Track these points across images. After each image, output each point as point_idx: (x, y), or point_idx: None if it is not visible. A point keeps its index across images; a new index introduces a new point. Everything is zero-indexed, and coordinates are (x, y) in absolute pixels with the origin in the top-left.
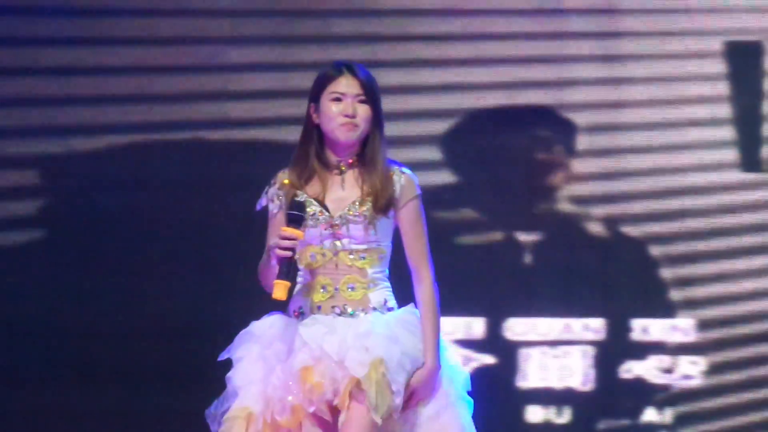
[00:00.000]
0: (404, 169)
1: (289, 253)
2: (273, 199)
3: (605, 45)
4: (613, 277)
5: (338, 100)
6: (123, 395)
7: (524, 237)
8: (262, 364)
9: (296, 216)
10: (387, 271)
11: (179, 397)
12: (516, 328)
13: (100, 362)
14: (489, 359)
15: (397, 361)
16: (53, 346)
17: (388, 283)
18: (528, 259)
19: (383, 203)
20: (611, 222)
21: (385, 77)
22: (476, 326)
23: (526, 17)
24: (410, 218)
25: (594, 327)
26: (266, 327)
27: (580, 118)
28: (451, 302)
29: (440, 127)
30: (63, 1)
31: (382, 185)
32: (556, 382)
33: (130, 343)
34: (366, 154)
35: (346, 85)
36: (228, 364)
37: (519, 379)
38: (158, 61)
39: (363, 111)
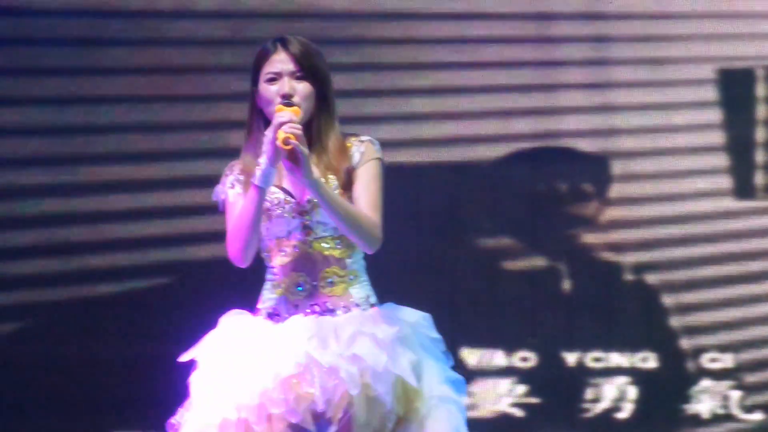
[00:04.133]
0: (363, 138)
1: (294, 141)
2: (234, 185)
3: (598, 72)
4: (616, 306)
5: (273, 80)
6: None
7: (524, 267)
8: (236, 369)
9: (288, 102)
10: (364, 264)
11: None
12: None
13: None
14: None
15: (384, 367)
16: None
17: (367, 277)
18: (530, 288)
19: (345, 177)
20: (605, 250)
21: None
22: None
23: (519, 44)
24: (366, 175)
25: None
26: (238, 329)
27: (573, 146)
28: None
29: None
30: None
31: (337, 159)
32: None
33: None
34: (313, 133)
35: (279, 62)
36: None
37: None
38: None
39: (302, 88)
